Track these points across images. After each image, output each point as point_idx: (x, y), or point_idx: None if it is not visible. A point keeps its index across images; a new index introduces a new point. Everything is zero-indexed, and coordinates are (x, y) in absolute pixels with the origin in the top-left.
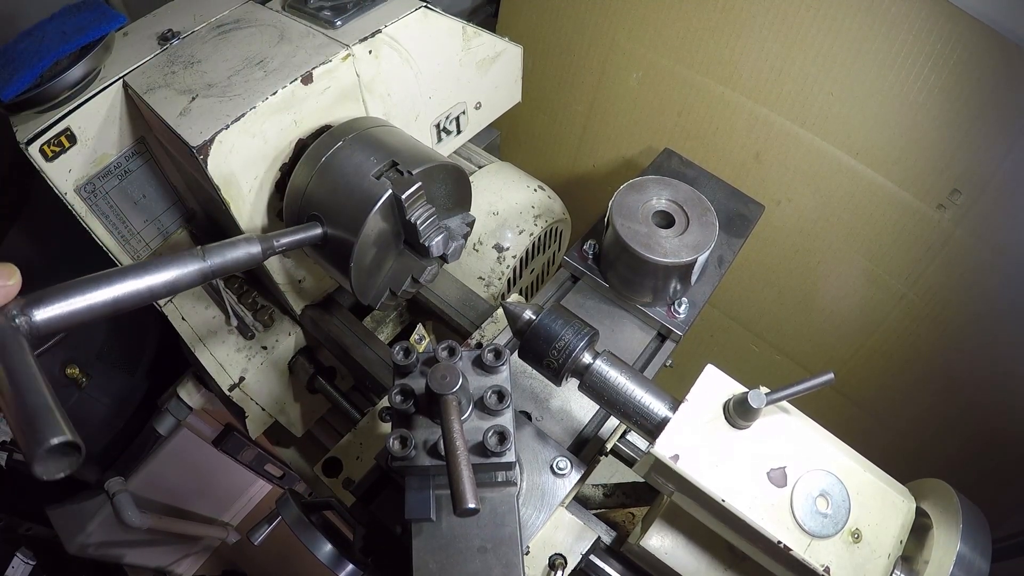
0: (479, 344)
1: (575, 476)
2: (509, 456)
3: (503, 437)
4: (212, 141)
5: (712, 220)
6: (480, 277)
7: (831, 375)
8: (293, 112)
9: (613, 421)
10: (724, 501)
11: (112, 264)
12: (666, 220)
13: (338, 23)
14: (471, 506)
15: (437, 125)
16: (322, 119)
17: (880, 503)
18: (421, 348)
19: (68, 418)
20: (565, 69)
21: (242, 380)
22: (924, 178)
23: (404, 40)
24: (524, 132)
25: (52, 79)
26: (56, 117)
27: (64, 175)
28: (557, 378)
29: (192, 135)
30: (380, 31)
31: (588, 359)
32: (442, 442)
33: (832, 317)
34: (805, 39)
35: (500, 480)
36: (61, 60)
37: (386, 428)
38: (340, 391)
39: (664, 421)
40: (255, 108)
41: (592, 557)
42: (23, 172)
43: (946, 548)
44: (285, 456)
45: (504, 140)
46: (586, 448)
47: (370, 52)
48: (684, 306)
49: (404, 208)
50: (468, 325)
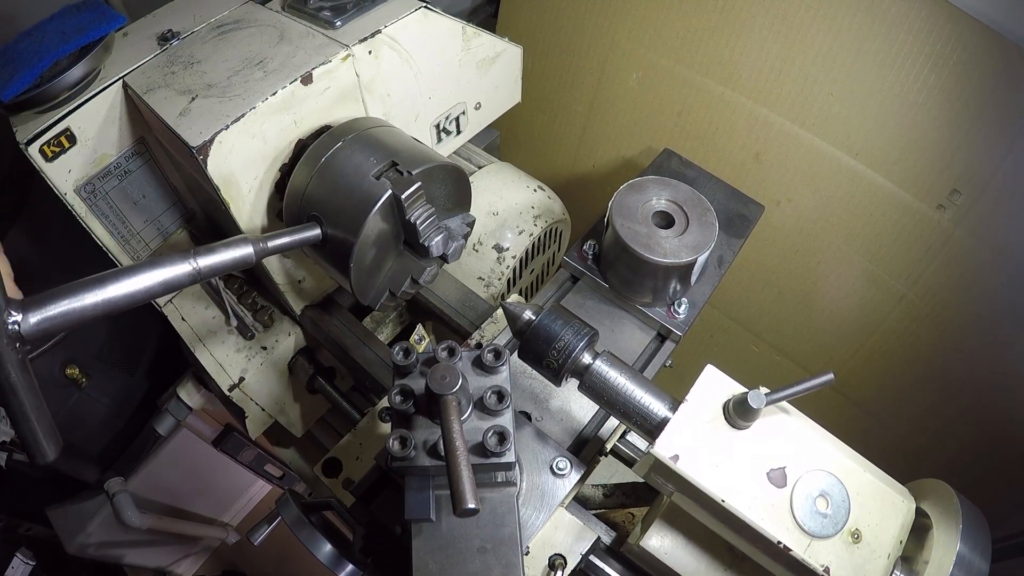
0: (479, 344)
1: (575, 476)
2: (509, 456)
3: (503, 437)
4: (212, 141)
5: (712, 220)
6: (480, 277)
7: (831, 375)
8: (293, 112)
9: (613, 421)
10: (724, 501)
11: (112, 264)
12: (666, 220)
13: (338, 23)
14: (471, 506)
15: (437, 125)
16: (322, 119)
17: (880, 503)
18: (421, 348)
19: (55, 431)
20: (565, 69)
21: (242, 380)
22: (924, 178)
23: (404, 40)
24: (524, 132)
25: (52, 79)
26: (56, 117)
27: (64, 175)
28: (557, 378)
29: (192, 135)
30: (380, 31)
31: (588, 359)
32: (442, 442)
33: (832, 317)
34: (805, 39)
35: (500, 480)
36: (61, 60)
37: (386, 428)
38: (340, 391)
39: (664, 421)
40: (255, 108)
41: (592, 557)
42: (23, 172)
43: (946, 548)
44: (285, 456)
45: (504, 140)
46: (586, 448)
47: (370, 52)
48: (684, 306)
49: (404, 208)
50: (468, 325)
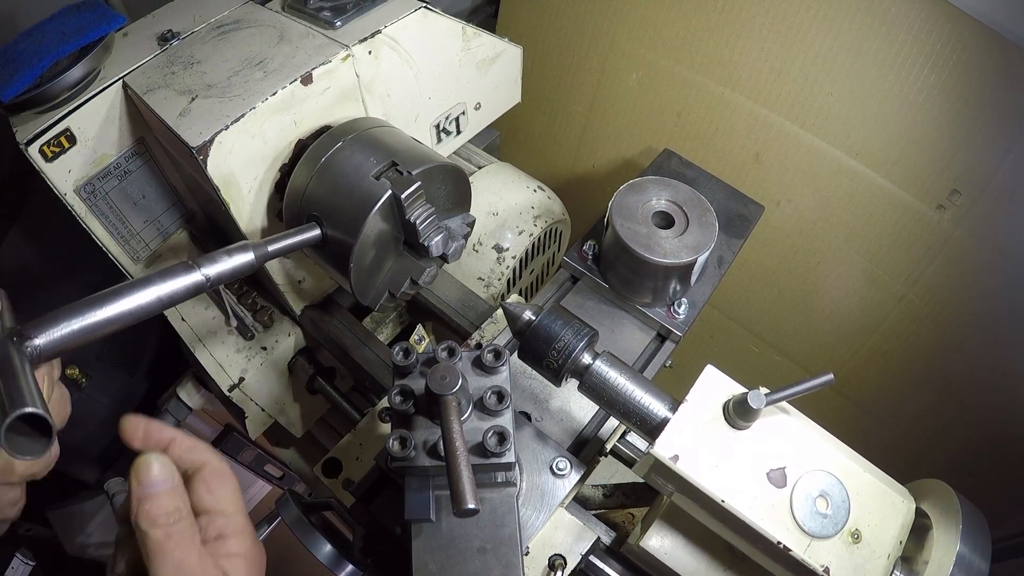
0: (479, 345)
1: (575, 477)
2: (509, 456)
3: (503, 438)
4: (212, 142)
5: (712, 221)
6: (480, 278)
7: (831, 375)
8: (293, 113)
9: (613, 422)
10: (724, 502)
11: (111, 265)
12: (666, 221)
13: (338, 24)
14: (471, 507)
15: (437, 126)
16: (322, 119)
17: (880, 503)
18: (421, 349)
19: (45, 403)
20: (565, 69)
21: (242, 380)
22: (924, 178)
23: (404, 41)
24: (524, 133)
25: (52, 80)
26: (56, 118)
27: (64, 175)
28: (557, 379)
29: (192, 136)
30: (380, 32)
31: (588, 360)
32: (442, 443)
33: (832, 317)
34: (805, 40)
35: (500, 481)
36: (61, 60)
37: (386, 429)
38: (340, 392)
39: (664, 422)
40: (255, 109)
41: (592, 558)
42: (23, 172)
43: (946, 548)
44: (285, 457)
45: (504, 141)
46: (586, 449)
47: (370, 53)
48: (684, 307)
49: (403, 208)
50: (468, 326)
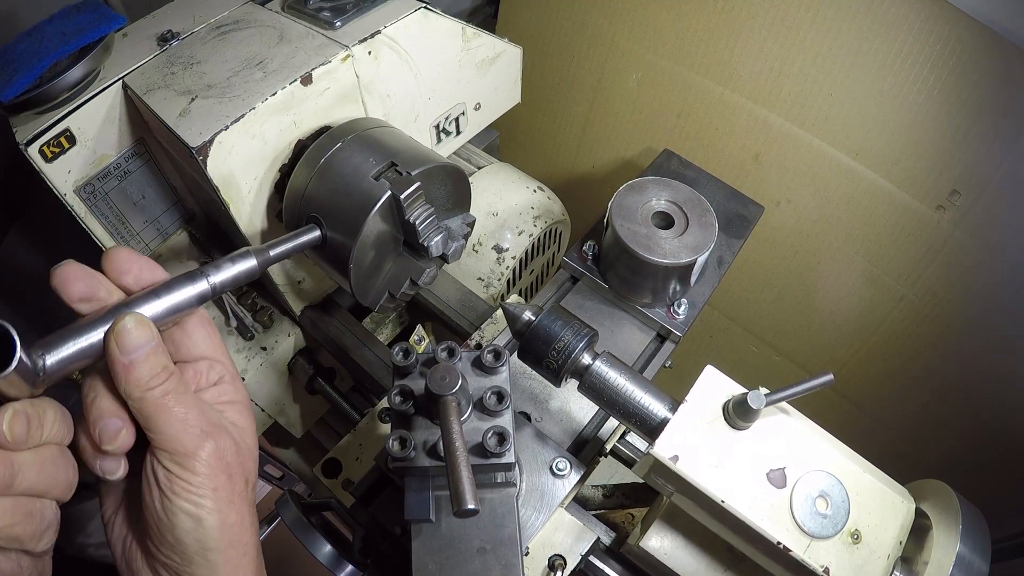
0: (478, 345)
1: (574, 477)
2: (508, 457)
3: (502, 438)
4: (211, 142)
5: (711, 221)
6: (479, 278)
7: (831, 376)
8: (292, 113)
9: (612, 422)
10: (724, 502)
11: None
12: (665, 221)
13: (338, 24)
14: (470, 507)
15: (436, 126)
16: (321, 120)
17: (879, 504)
18: (420, 349)
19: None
20: (565, 70)
21: (242, 381)
22: (923, 179)
23: (403, 41)
24: (524, 133)
25: (51, 80)
26: (56, 118)
27: (63, 176)
28: (556, 379)
29: (191, 136)
30: (379, 32)
31: (587, 360)
32: (441, 443)
33: (832, 318)
34: (804, 40)
35: (499, 481)
36: (60, 61)
37: (385, 429)
38: (340, 392)
39: (664, 422)
40: (255, 109)
41: (591, 558)
42: (23, 173)
43: (945, 549)
44: (284, 457)
45: (504, 141)
46: (585, 449)
47: (369, 53)
48: (683, 307)
49: (403, 208)
50: (467, 326)
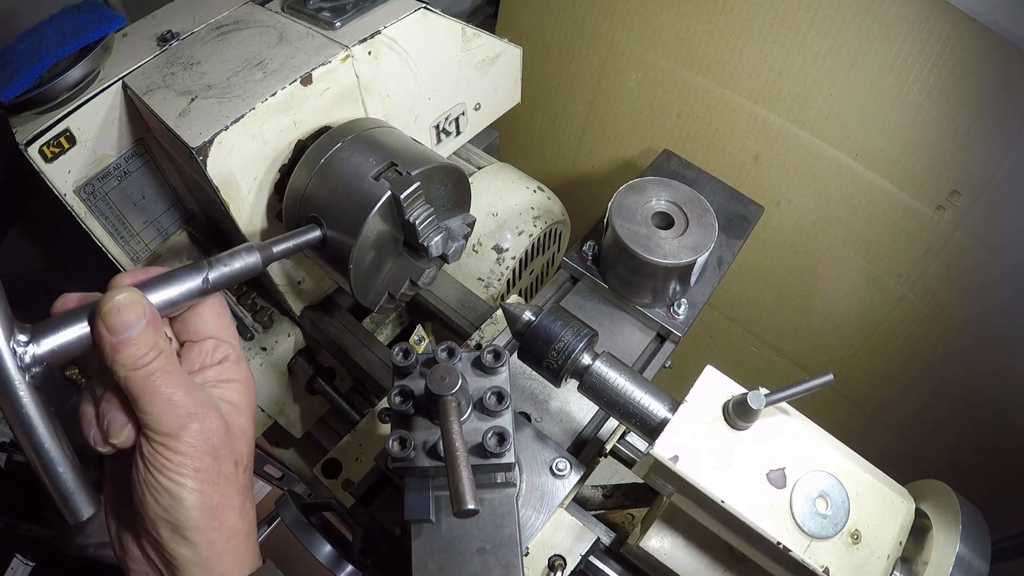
0: (478, 345)
1: (574, 477)
2: (508, 457)
3: (502, 438)
4: (211, 142)
5: (711, 221)
6: (479, 278)
7: (830, 376)
8: (292, 113)
9: (612, 422)
10: (724, 502)
11: (111, 265)
12: (665, 221)
13: (337, 24)
14: (470, 507)
15: (436, 126)
16: (321, 120)
17: (879, 504)
18: (420, 349)
19: (87, 483)
20: (564, 70)
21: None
22: (923, 179)
23: (403, 41)
24: (523, 133)
25: (51, 80)
26: (55, 118)
27: (63, 176)
28: (556, 379)
29: (191, 136)
30: (379, 32)
31: (587, 360)
32: (441, 443)
33: (831, 318)
34: (804, 40)
35: (499, 481)
36: (60, 61)
37: (385, 429)
38: (339, 392)
39: (663, 422)
40: (254, 109)
41: (591, 558)
42: (23, 173)
43: (945, 549)
44: (284, 457)
45: (503, 141)
46: (585, 449)
47: (369, 53)
48: (683, 307)
49: (403, 208)
50: (467, 326)
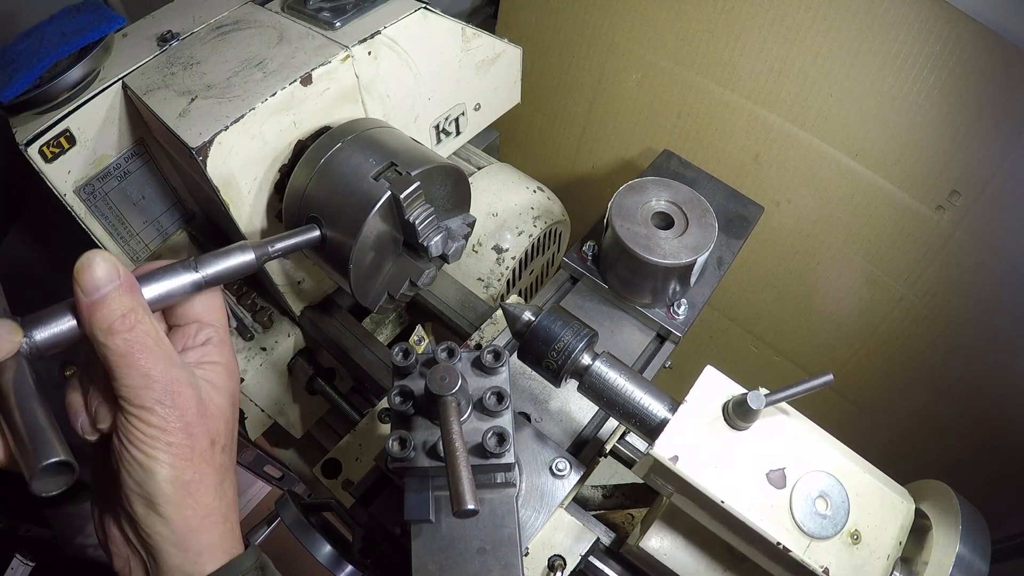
0: (478, 345)
1: (574, 477)
2: (508, 457)
3: (502, 438)
4: (211, 142)
5: (711, 221)
6: (479, 278)
7: (830, 376)
8: (292, 113)
9: (612, 422)
10: (723, 502)
11: None
12: (665, 221)
13: (337, 24)
14: (470, 507)
15: (436, 126)
16: (321, 120)
17: (879, 504)
18: (420, 349)
19: (63, 437)
20: (564, 70)
21: (241, 381)
22: (923, 179)
23: (403, 41)
24: (523, 133)
25: (51, 80)
26: (55, 118)
27: (63, 176)
28: (556, 379)
29: (191, 136)
30: (379, 32)
31: (587, 360)
32: (441, 443)
33: (831, 318)
34: (804, 40)
35: (499, 481)
36: (60, 61)
37: (385, 429)
38: (339, 392)
39: (663, 422)
40: (254, 109)
41: (591, 558)
42: (23, 173)
43: (945, 549)
44: (284, 457)
45: (503, 141)
46: (585, 449)
47: (369, 53)
48: (683, 307)
49: (403, 208)
50: (467, 326)
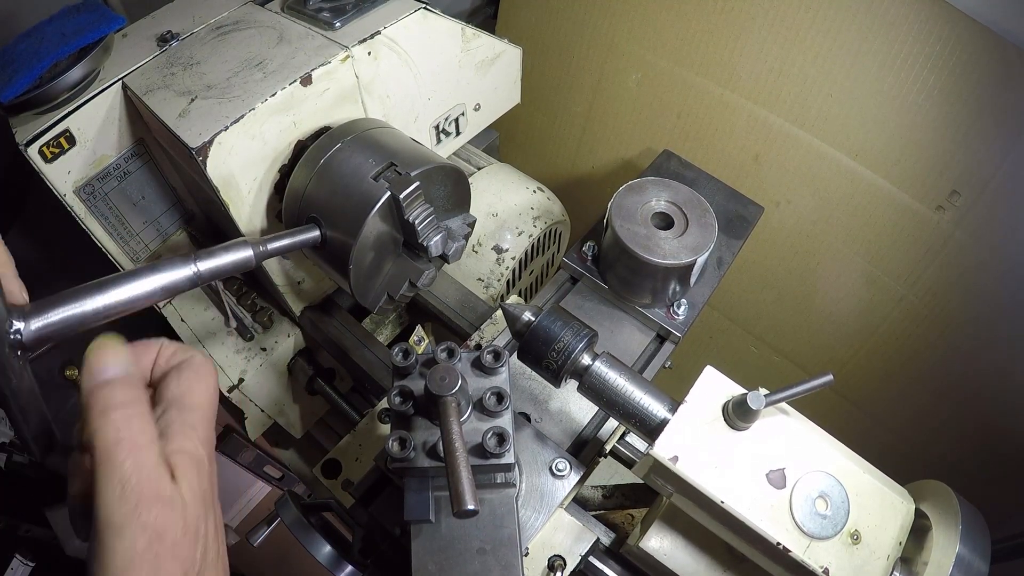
0: (478, 345)
1: (574, 477)
2: (508, 457)
3: (502, 438)
4: (211, 142)
5: (711, 222)
6: (479, 279)
7: (830, 376)
8: (292, 113)
9: (612, 422)
10: (723, 503)
11: (111, 265)
12: (665, 222)
13: (337, 24)
14: (470, 507)
15: (436, 127)
16: (321, 120)
17: (879, 504)
18: (420, 349)
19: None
20: (564, 70)
21: (241, 381)
22: (923, 179)
23: (403, 41)
24: (523, 133)
25: (51, 80)
26: (55, 119)
27: (63, 176)
28: (556, 379)
29: (191, 136)
30: (379, 32)
31: (587, 360)
32: (441, 444)
33: (831, 318)
34: (804, 41)
35: (499, 482)
36: (60, 61)
37: (385, 429)
38: (339, 392)
39: (663, 422)
40: (254, 109)
41: (591, 558)
42: (22, 173)
43: (945, 549)
44: (284, 457)
45: (503, 141)
46: (585, 449)
47: (369, 53)
48: (683, 307)
49: (402, 208)
50: (467, 326)
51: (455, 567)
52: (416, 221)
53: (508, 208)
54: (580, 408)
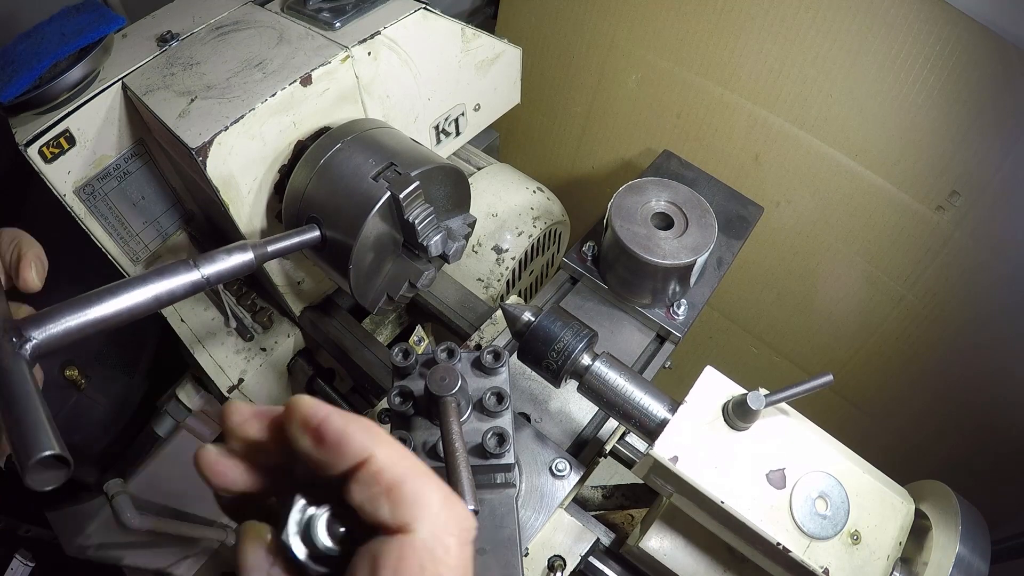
0: (478, 346)
1: (574, 478)
2: (508, 458)
3: (502, 439)
4: (211, 143)
5: (711, 222)
6: (479, 279)
7: (830, 377)
8: (292, 114)
9: (612, 423)
10: (723, 503)
11: (111, 265)
12: (665, 222)
13: (337, 25)
14: (470, 508)
15: (436, 127)
16: (321, 121)
17: (879, 505)
18: (420, 350)
19: (58, 433)
20: (564, 71)
21: (241, 382)
22: (923, 180)
23: (403, 42)
24: (523, 134)
25: (51, 81)
26: (55, 119)
27: (63, 177)
28: (556, 380)
29: (191, 137)
30: (379, 33)
31: (587, 360)
32: (441, 444)
33: (831, 319)
34: (804, 41)
35: (499, 482)
36: (60, 62)
37: (385, 430)
38: (339, 393)
39: (663, 423)
40: (254, 110)
41: (591, 559)
42: (22, 173)
43: (945, 550)
44: None
45: (503, 142)
46: (585, 450)
47: (369, 54)
48: (683, 308)
49: (402, 208)
50: (467, 327)
51: None
52: (416, 221)
53: (508, 208)
54: (580, 408)
